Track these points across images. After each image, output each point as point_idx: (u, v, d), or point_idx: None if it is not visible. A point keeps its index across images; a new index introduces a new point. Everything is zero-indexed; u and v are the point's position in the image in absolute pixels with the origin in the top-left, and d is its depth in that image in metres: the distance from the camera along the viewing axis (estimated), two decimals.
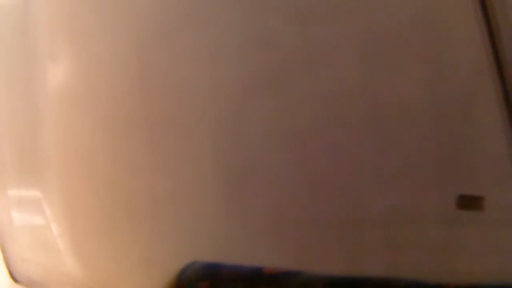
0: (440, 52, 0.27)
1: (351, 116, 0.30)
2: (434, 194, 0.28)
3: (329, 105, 0.31)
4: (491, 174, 0.26)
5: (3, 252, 0.59)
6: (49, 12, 0.53)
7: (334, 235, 0.31)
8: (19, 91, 0.56)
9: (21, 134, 0.56)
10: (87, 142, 0.48)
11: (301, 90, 0.32)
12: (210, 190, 0.39)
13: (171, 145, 0.41)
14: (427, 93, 0.27)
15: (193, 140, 0.39)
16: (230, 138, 0.36)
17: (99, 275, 0.49)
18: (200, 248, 0.40)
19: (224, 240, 0.38)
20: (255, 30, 0.35)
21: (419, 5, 0.27)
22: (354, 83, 0.30)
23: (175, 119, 0.40)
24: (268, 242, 0.35)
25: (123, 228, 0.46)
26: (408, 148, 0.28)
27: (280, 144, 0.34)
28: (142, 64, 0.42)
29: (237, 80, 0.36)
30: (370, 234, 0.30)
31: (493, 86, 0.25)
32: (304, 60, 0.32)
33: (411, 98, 0.28)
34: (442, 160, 0.27)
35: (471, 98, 0.26)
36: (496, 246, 0.27)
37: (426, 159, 0.28)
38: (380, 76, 0.29)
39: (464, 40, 0.26)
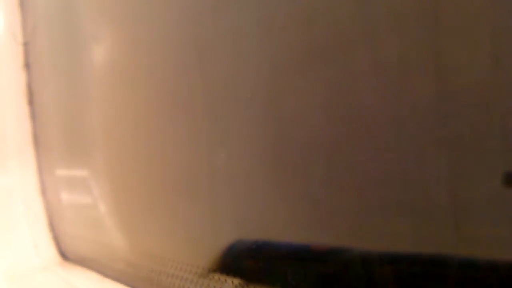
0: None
1: (415, 85, 0.29)
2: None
3: (389, 75, 0.30)
4: None
5: (53, 230, 0.61)
6: None
7: (389, 209, 0.31)
8: (66, 73, 0.57)
9: (68, 114, 0.57)
10: (134, 120, 0.49)
11: (361, 61, 0.31)
12: (261, 168, 0.38)
13: (224, 120, 0.41)
14: (491, 63, 0.26)
15: (249, 113, 0.39)
16: (290, 111, 0.36)
17: (146, 250, 0.50)
18: (246, 226, 0.40)
19: (271, 218, 0.38)
20: (312, 1, 0.34)
21: None
22: (418, 52, 0.29)
23: (230, 94, 0.40)
24: (316, 219, 0.35)
25: (170, 204, 0.46)
26: (472, 118, 0.27)
27: (337, 117, 0.33)
28: (197, 39, 0.42)
29: (293, 53, 0.35)
30: (430, 201, 0.29)
31: None
32: (363, 32, 0.31)
33: (475, 68, 0.27)
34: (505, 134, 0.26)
35: None
36: None
37: (489, 129, 0.27)
38: (445, 47, 0.28)
39: None
